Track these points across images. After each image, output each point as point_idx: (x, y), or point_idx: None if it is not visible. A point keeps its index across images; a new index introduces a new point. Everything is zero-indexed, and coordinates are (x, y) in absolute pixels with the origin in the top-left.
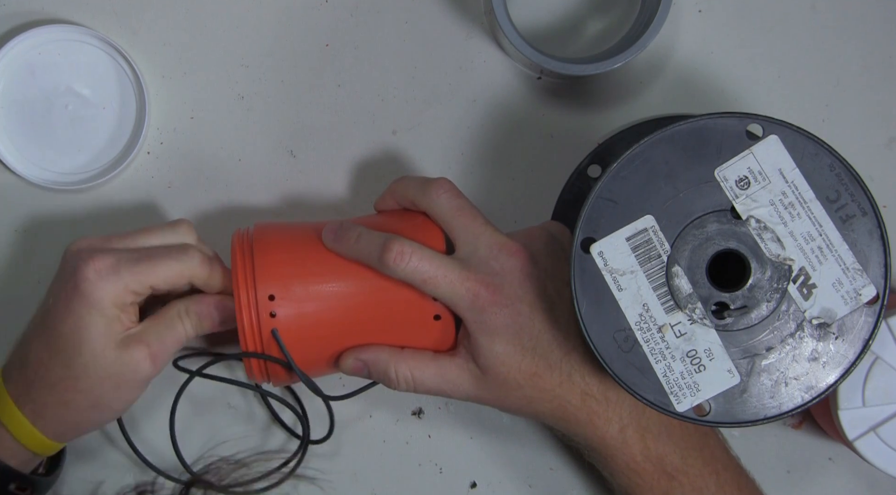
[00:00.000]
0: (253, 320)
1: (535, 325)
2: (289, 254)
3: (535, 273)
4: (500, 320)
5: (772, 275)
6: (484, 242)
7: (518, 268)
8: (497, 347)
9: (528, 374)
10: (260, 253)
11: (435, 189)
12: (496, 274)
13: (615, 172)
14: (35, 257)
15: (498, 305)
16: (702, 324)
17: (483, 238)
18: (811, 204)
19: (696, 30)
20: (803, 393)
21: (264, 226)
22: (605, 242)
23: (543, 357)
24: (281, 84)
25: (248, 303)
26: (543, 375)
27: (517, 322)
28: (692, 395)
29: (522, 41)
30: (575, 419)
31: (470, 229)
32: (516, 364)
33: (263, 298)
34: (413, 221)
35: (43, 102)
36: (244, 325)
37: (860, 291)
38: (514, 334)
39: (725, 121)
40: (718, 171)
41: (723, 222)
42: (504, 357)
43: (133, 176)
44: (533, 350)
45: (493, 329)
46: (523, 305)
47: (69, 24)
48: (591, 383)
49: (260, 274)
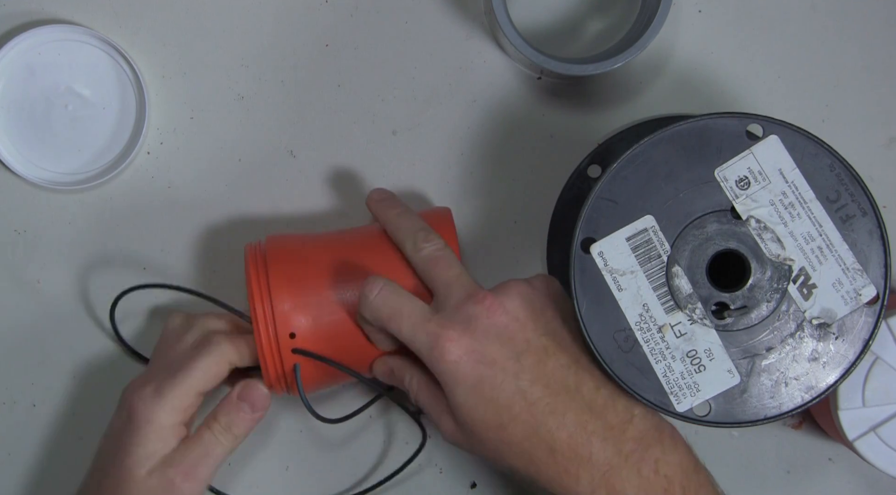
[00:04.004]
0: (274, 352)
1: (498, 376)
2: (302, 282)
3: (502, 323)
4: (460, 369)
5: (772, 275)
6: (455, 291)
7: (484, 318)
8: (458, 397)
9: (493, 426)
10: (275, 277)
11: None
12: (461, 322)
13: (615, 172)
14: (35, 257)
15: (459, 354)
16: (702, 324)
17: (454, 287)
18: (811, 204)
19: (696, 30)
20: (803, 394)
21: (275, 249)
22: (605, 242)
23: (507, 409)
24: (281, 84)
25: (267, 336)
26: (508, 428)
27: (478, 372)
28: (692, 395)
29: (522, 41)
30: (545, 475)
31: (443, 278)
32: (479, 415)
33: (282, 317)
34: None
35: (43, 102)
36: (264, 353)
37: (860, 291)
38: (475, 384)
39: (725, 121)
40: (718, 171)
41: (723, 222)
42: (466, 407)
43: (133, 176)
44: (496, 401)
45: (453, 377)
46: (486, 356)
47: (69, 24)
48: (559, 438)
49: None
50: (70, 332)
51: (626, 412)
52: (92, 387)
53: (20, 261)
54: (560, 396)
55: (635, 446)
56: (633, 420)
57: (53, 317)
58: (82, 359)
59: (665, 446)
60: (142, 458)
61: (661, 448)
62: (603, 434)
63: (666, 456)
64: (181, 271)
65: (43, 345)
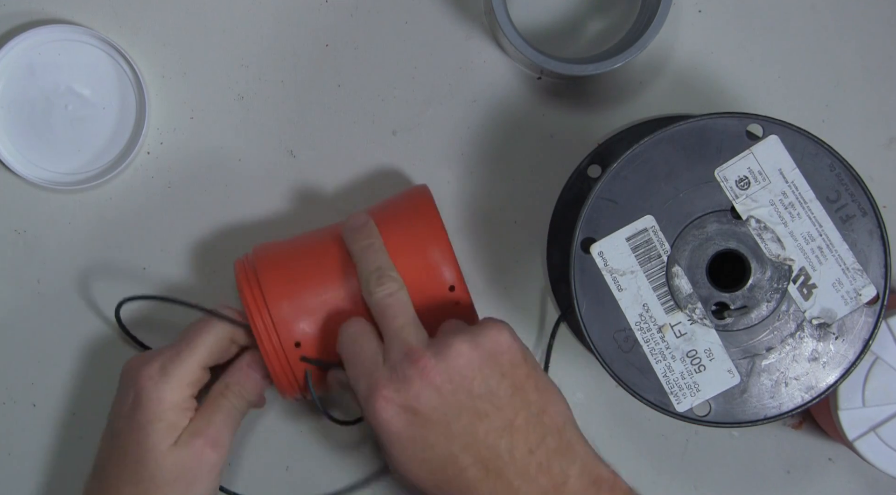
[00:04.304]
0: (280, 356)
1: (430, 438)
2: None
3: (436, 385)
4: (392, 428)
5: (772, 275)
6: (395, 346)
7: (418, 379)
8: (393, 453)
9: (430, 484)
10: (268, 285)
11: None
12: (397, 381)
13: (615, 172)
14: (35, 257)
15: (391, 413)
16: (702, 324)
17: (395, 341)
18: (811, 204)
19: (696, 30)
20: (803, 394)
21: (264, 253)
22: (605, 242)
23: (441, 471)
24: (281, 84)
25: (269, 340)
26: (444, 488)
27: (410, 433)
28: (692, 395)
29: (522, 41)
30: None
31: (388, 329)
32: (414, 472)
33: (283, 327)
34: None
35: (43, 102)
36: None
37: (860, 291)
38: (407, 444)
39: (725, 121)
40: (718, 171)
41: (723, 222)
42: (400, 463)
43: (133, 176)
44: (429, 462)
45: (386, 435)
46: (418, 418)
47: (69, 24)
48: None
49: (274, 311)
50: (70, 332)
51: (561, 474)
52: (92, 387)
53: (20, 261)
54: (491, 463)
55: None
56: (567, 481)
57: (53, 317)
58: (82, 358)
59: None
60: (162, 434)
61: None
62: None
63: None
64: (181, 271)
65: (43, 344)
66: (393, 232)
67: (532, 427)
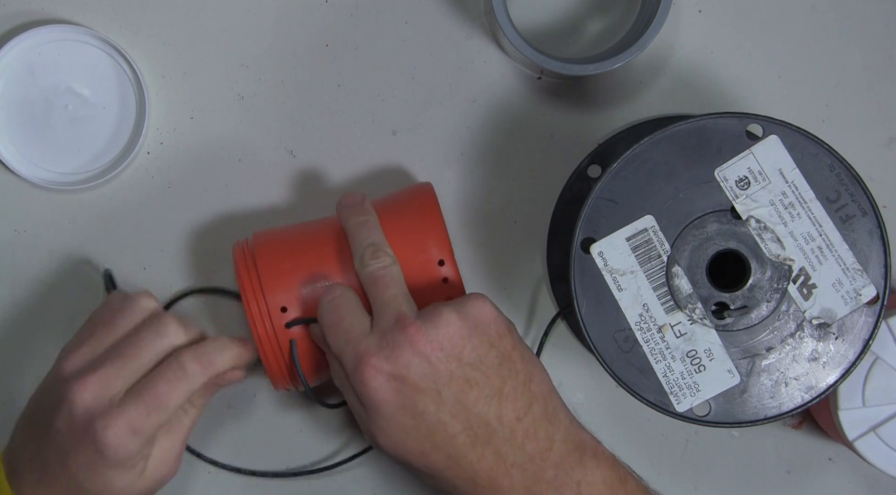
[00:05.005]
0: (270, 333)
1: (419, 405)
2: (295, 264)
3: (426, 353)
4: (380, 395)
5: (772, 275)
6: (386, 314)
7: (408, 347)
8: (379, 421)
9: (415, 452)
10: (265, 267)
11: (364, 258)
12: (386, 349)
13: (615, 172)
14: (35, 257)
15: (380, 380)
16: (702, 324)
17: (386, 309)
18: (811, 204)
19: (696, 30)
20: (803, 394)
21: (263, 239)
22: (605, 242)
23: (429, 437)
24: (281, 84)
25: (261, 319)
26: (430, 456)
27: (398, 400)
28: (692, 395)
29: (522, 41)
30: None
31: (379, 299)
32: (400, 440)
33: (276, 310)
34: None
35: (43, 102)
36: (262, 342)
37: (860, 291)
38: (395, 411)
39: (725, 121)
40: (718, 171)
41: (723, 222)
42: (387, 431)
43: (133, 176)
44: (417, 429)
45: (374, 402)
46: (407, 385)
47: (69, 24)
48: (480, 470)
49: (268, 288)
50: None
51: (547, 440)
52: None
53: (20, 261)
54: (480, 430)
55: (556, 472)
56: (552, 447)
57: (53, 317)
58: None
59: (587, 466)
60: (129, 477)
61: (583, 469)
62: (523, 465)
63: (588, 475)
64: (180, 271)
65: (43, 344)
66: (391, 221)
67: (519, 395)
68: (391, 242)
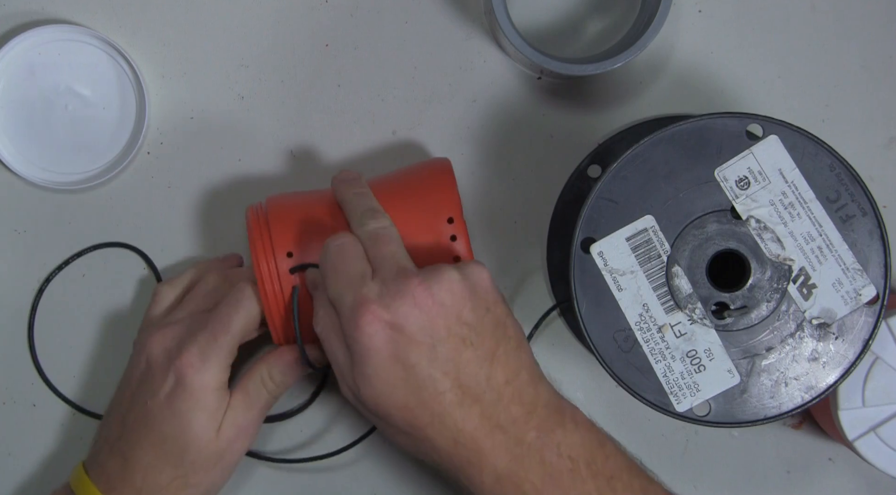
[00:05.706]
0: (276, 286)
1: (412, 357)
2: (304, 218)
3: (425, 306)
4: (374, 342)
5: (772, 275)
6: (387, 266)
7: (409, 298)
8: (368, 368)
9: (399, 405)
10: (275, 221)
11: (363, 219)
12: (387, 297)
13: (615, 172)
14: (35, 257)
15: (377, 327)
16: (702, 324)
17: (387, 261)
18: (811, 204)
19: (696, 30)
20: (803, 394)
21: (275, 197)
22: (605, 242)
23: (416, 391)
24: (281, 84)
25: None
26: (415, 410)
27: (392, 349)
28: (692, 395)
29: (522, 41)
30: (448, 464)
31: (380, 254)
32: (387, 390)
33: (282, 257)
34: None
35: (43, 102)
36: (266, 288)
37: (860, 291)
38: (387, 359)
39: (725, 121)
40: (718, 171)
41: (723, 222)
42: (374, 379)
43: (133, 176)
44: (406, 381)
45: (366, 348)
46: (403, 335)
47: (69, 24)
48: (464, 430)
49: (277, 239)
50: (70, 332)
51: (531, 404)
52: (92, 387)
53: (20, 261)
54: (469, 389)
55: (538, 434)
56: (535, 410)
57: (53, 317)
58: (82, 358)
59: (567, 428)
60: (205, 423)
61: (563, 431)
62: (506, 427)
63: (568, 437)
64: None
65: (43, 344)
66: (403, 177)
67: (511, 360)
68: (402, 199)
